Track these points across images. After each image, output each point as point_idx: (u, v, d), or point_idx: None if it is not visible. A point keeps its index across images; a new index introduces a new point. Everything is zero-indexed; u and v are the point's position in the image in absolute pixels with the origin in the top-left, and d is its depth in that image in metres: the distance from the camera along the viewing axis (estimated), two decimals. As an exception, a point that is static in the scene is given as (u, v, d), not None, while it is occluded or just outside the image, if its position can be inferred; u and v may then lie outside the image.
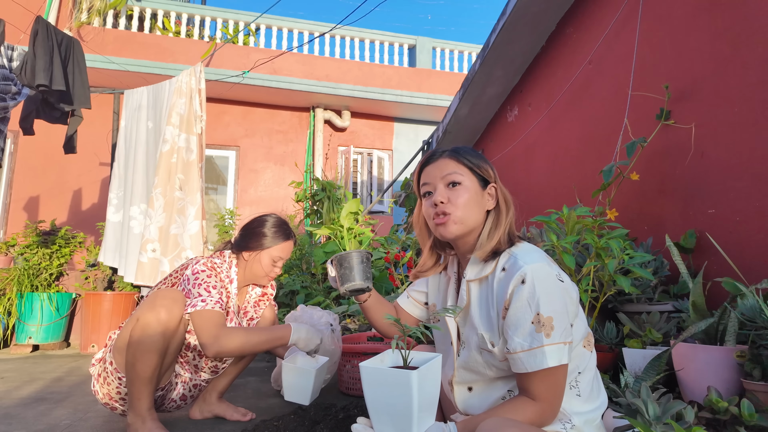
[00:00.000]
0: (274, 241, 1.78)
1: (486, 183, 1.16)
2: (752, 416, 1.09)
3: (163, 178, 3.98)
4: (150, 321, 1.52)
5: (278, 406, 2.14)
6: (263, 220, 1.83)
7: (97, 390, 1.68)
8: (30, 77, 3.16)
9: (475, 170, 1.15)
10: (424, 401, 0.97)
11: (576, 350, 1.05)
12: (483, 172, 1.15)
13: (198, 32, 7.05)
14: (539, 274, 0.98)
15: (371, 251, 4.34)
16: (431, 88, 7.23)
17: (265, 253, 1.78)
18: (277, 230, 1.80)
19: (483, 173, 1.15)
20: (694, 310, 1.55)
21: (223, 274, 1.75)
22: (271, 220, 1.83)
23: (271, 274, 1.81)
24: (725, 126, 1.93)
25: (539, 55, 3.42)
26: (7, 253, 4.58)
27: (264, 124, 6.95)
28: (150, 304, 1.56)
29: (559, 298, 0.98)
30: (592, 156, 2.76)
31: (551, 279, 0.99)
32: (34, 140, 5.51)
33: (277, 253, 1.80)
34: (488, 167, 1.17)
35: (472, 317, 1.12)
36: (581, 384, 1.05)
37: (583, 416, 1.02)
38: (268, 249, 1.78)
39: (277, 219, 1.85)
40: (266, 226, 1.81)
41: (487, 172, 1.16)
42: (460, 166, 1.14)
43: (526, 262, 1.00)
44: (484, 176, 1.15)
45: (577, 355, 1.05)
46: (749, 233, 1.78)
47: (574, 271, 1.74)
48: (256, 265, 1.79)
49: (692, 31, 2.14)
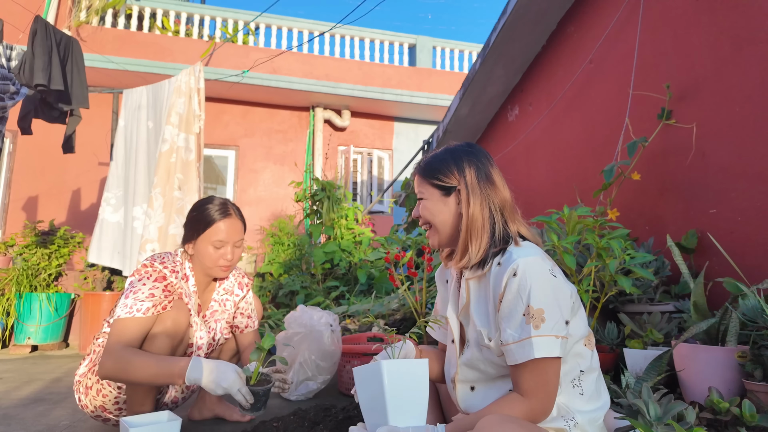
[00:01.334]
0: (207, 224, 1.57)
1: (449, 190, 1.14)
2: (753, 417, 1.09)
3: (162, 178, 3.98)
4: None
5: (278, 406, 2.14)
6: (195, 205, 1.65)
7: (87, 404, 1.59)
8: (28, 77, 3.15)
9: (433, 183, 1.15)
10: (399, 395, 1.00)
11: (576, 348, 1.05)
12: (443, 181, 1.14)
13: (197, 31, 7.04)
14: (531, 267, 0.98)
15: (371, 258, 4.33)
16: (431, 88, 7.23)
17: (201, 241, 1.58)
18: (207, 211, 1.59)
19: (443, 182, 1.14)
20: (696, 311, 1.54)
21: (173, 272, 1.59)
22: (201, 202, 1.64)
23: (220, 263, 1.60)
24: (726, 126, 1.92)
25: (540, 55, 3.41)
26: (6, 253, 4.57)
27: (263, 124, 6.94)
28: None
29: (551, 291, 0.98)
30: (593, 156, 2.75)
31: (543, 273, 0.99)
32: (33, 140, 5.50)
33: (215, 236, 1.57)
34: (450, 173, 1.13)
35: (471, 314, 1.13)
36: (584, 383, 1.05)
37: (586, 415, 1.02)
38: (204, 234, 1.57)
39: (208, 199, 1.64)
40: (197, 211, 1.61)
41: (449, 179, 1.13)
42: (422, 182, 1.18)
43: (520, 255, 1.01)
44: (444, 185, 1.14)
45: (577, 353, 1.05)
46: (751, 233, 1.77)
47: (575, 272, 1.73)
48: (200, 256, 1.61)
49: (693, 31, 2.13)
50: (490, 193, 1.12)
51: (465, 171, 1.13)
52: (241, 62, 6.33)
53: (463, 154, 1.15)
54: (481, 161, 1.15)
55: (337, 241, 4.42)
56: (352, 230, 4.59)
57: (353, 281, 4.11)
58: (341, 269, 4.20)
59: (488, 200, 1.11)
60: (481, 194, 1.11)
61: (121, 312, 1.44)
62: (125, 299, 1.47)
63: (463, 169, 1.13)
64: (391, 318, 2.98)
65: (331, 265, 4.27)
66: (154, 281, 1.52)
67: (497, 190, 1.13)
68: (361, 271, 3.93)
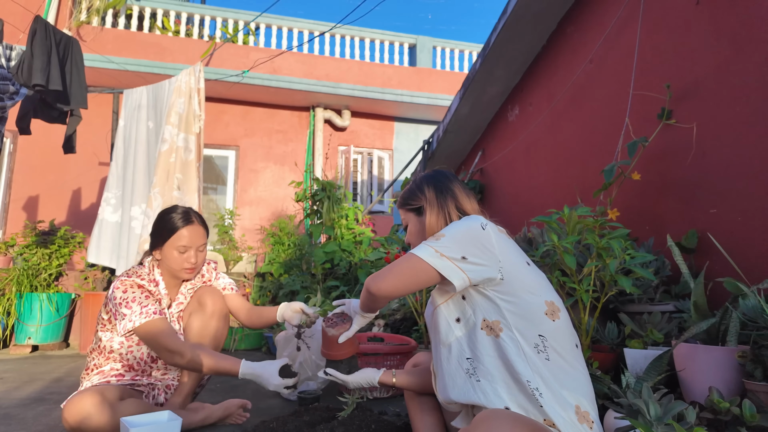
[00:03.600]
0: (171, 231, 1.75)
1: (420, 210, 1.33)
2: (754, 417, 1.09)
3: (161, 178, 3.98)
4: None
5: (278, 406, 2.14)
6: (160, 214, 1.82)
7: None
8: (27, 77, 3.15)
9: (407, 208, 1.36)
10: None
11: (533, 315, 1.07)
12: (413, 204, 1.35)
13: (197, 31, 7.04)
14: (462, 220, 1.18)
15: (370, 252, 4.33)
16: (432, 88, 7.22)
17: (167, 247, 1.76)
18: (170, 219, 1.77)
19: (413, 205, 1.35)
20: (696, 311, 1.54)
21: (146, 280, 1.78)
22: (166, 212, 1.81)
23: (185, 265, 1.78)
24: (727, 125, 1.92)
25: (540, 55, 3.41)
26: (7, 253, 4.57)
27: (264, 124, 6.94)
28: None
29: (462, 231, 1.13)
30: (594, 155, 2.75)
31: (467, 222, 1.16)
32: (33, 140, 5.51)
33: (179, 242, 1.75)
34: (416, 197, 1.34)
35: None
36: (549, 351, 1.05)
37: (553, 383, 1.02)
38: (169, 241, 1.75)
39: (172, 209, 1.81)
40: (162, 220, 1.79)
41: (417, 201, 1.33)
42: (402, 210, 1.39)
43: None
44: (415, 207, 1.34)
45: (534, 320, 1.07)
46: (751, 233, 1.77)
47: (575, 271, 1.73)
48: (167, 261, 1.78)
49: (693, 31, 2.13)
50: (451, 203, 1.30)
51: (425, 191, 1.33)
52: (241, 62, 6.33)
53: (423, 179, 1.37)
54: (440, 181, 1.34)
55: (337, 241, 4.42)
56: (352, 230, 4.59)
57: (353, 281, 4.11)
58: (341, 269, 4.20)
59: (447, 209, 1.29)
60: (438, 205, 1.29)
61: (138, 319, 1.64)
62: (126, 308, 1.65)
63: (424, 190, 1.34)
64: (391, 318, 2.98)
65: (331, 265, 4.27)
66: (139, 289, 1.72)
67: (458, 201, 1.30)
68: (362, 271, 3.93)
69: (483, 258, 1.10)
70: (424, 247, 1.12)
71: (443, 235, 1.13)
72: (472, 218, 1.17)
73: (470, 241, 1.12)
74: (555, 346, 1.06)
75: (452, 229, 1.15)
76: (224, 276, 2.03)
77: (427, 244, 1.13)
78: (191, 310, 1.89)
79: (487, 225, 1.16)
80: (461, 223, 1.17)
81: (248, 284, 4.74)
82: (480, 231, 1.13)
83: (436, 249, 1.10)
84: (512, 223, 3.65)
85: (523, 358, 1.03)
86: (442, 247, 1.11)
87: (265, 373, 1.61)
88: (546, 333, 1.06)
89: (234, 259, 5.33)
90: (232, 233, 5.75)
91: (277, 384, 1.59)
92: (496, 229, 1.17)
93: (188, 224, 1.77)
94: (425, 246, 1.12)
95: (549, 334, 1.06)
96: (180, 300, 1.90)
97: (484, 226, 1.15)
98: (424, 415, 1.32)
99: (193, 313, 1.87)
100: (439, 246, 1.11)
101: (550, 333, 1.06)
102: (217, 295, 1.91)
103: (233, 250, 5.44)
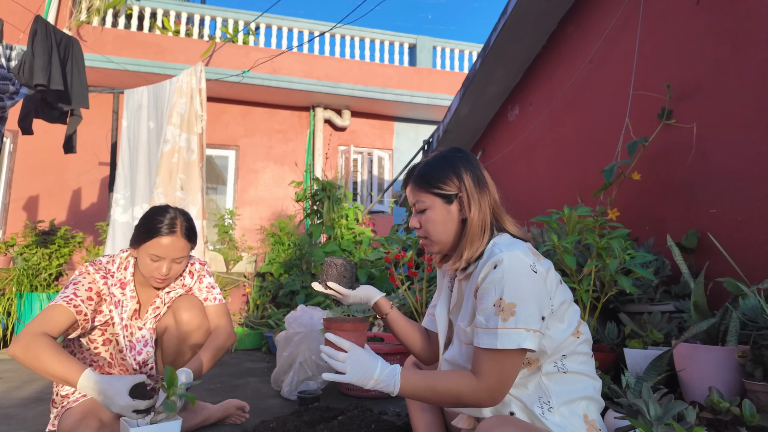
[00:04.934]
0: (150, 235, 1.54)
1: (451, 198, 1.14)
2: (754, 417, 1.09)
3: (164, 178, 3.98)
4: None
5: (278, 406, 2.14)
6: (147, 212, 1.62)
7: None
8: (28, 77, 3.15)
9: (435, 192, 1.14)
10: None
11: (561, 342, 1.05)
12: (444, 189, 1.14)
13: (198, 31, 7.04)
14: (512, 261, 0.99)
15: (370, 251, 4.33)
16: (432, 88, 7.22)
17: (142, 250, 1.56)
18: (154, 223, 1.55)
19: (445, 191, 1.14)
20: (696, 311, 1.54)
21: (110, 282, 1.59)
22: (154, 211, 1.60)
23: (155, 275, 1.57)
24: (727, 125, 1.92)
25: (540, 55, 3.41)
26: (7, 253, 4.57)
27: (264, 124, 6.94)
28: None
29: (528, 287, 0.98)
30: (594, 155, 2.75)
31: (523, 268, 0.99)
32: (34, 140, 5.50)
33: (154, 249, 1.54)
34: (450, 180, 1.13)
35: (460, 312, 1.16)
36: (567, 364, 1.06)
37: (563, 396, 1.02)
38: (146, 245, 1.55)
39: (162, 209, 1.60)
40: (147, 218, 1.59)
41: (449, 186, 1.13)
42: (422, 192, 1.16)
43: (502, 250, 1.02)
44: (446, 193, 1.14)
45: (561, 346, 1.06)
46: (751, 233, 1.77)
47: (575, 271, 1.73)
48: (139, 263, 1.59)
49: (693, 31, 2.13)
50: (485, 196, 1.14)
51: (463, 177, 1.14)
52: (241, 62, 6.33)
53: (458, 160, 1.16)
54: (474, 165, 1.17)
55: (337, 240, 4.42)
56: (352, 230, 4.59)
57: (353, 281, 4.10)
58: (341, 269, 4.20)
59: (484, 204, 1.13)
60: (479, 199, 1.12)
61: (55, 300, 1.48)
62: (64, 288, 1.52)
63: (461, 175, 1.14)
64: (392, 318, 2.97)
65: (331, 265, 4.26)
66: (89, 284, 1.54)
67: (489, 193, 1.15)
68: (362, 271, 3.93)
69: (548, 305, 1.02)
70: (514, 335, 0.95)
71: (514, 304, 0.96)
72: (518, 259, 1.00)
73: (535, 294, 0.98)
74: (573, 358, 1.07)
75: (515, 289, 0.97)
76: (210, 283, 1.79)
77: (508, 326, 0.95)
78: (166, 324, 1.68)
79: (535, 263, 1.01)
80: (516, 272, 0.98)
81: (248, 284, 4.74)
82: (535, 276, 0.99)
83: (526, 328, 0.95)
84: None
85: (539, 379, 1.04)
86: (527, 321, 0.96)
87: (111, 390, 1.25)
88: (568, 352, 1.06)
89: (234, 259, 5.33)
90: (232, 233, 5.75)
91: (123, 405, 1.23)
92: (534, 252, 1.06)
93: (170, 234, 1.55)
94: (515, 332, 0.95)
95: (570, 352, 1.07)
96: (157, 304, 1.69)
97: (534, 267, 1.00)
98: (424, 415, 1.31)
99: (168, 330, 1.67)
100: (525, 322, 0.96)
101: (571, 350, 1.07)
102: (196, 310, 1.68)
103: (233, 250, 5.44)
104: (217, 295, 1.79)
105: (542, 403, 1.01)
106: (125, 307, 1.62)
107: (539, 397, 1.02)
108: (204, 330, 1.69)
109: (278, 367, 2.38)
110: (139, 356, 1.64)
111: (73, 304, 1.47)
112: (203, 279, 1.78)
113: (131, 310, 1.63)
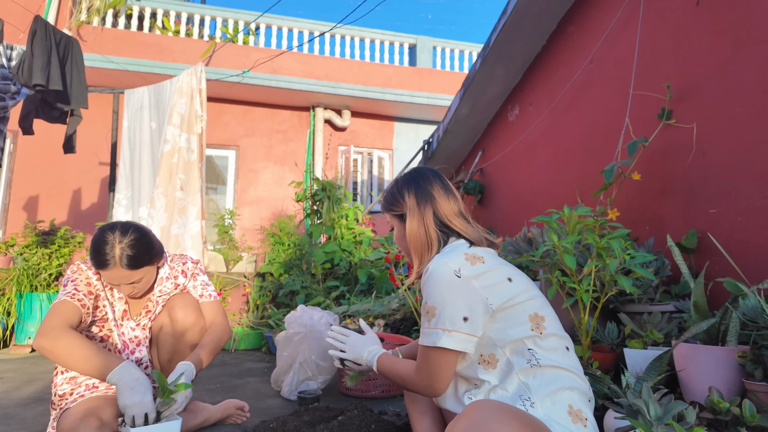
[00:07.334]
0: (94, 265, 1.52)
1: (403, 217, 1.29)
2: (754, 417, 1.09)
3: (164, 179, 3.98)
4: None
5: (278, 406, 2.14)
6: (92, 239, 1.53)
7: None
8: (27, 77, 3.15)
9: (391, 213, 1.32)
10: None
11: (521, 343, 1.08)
12: (395, 210, 1.30)
13: (198, 31, 7.04)
14: (436, 269, 1.11)
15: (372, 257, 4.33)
16: (432, 88, 7.22)
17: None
18: (92, 254, 1.50)
19: (395, 211, 1.30)
20: (696, 311, 1.54)
21: (92, 272, 1.60)
22: (94, 239, 1.52)
23: (122, 293, 1.60)
24: (727, 125, 1.92)
25: (540, 55, 3.41)
26: (7, 253, 4.57)
27: (264, 124, 6.94)
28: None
29: (448, 291, 1.08)
30: (594, 155, 2.75)
31: (446, 274, 1.09)
32: (34, 140, 5.51)
33: (103, 277, 1.55)
34: (397, 201, 1.29)
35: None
36: (540, 358, 1.07)
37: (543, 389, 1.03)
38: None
39: (97, 239, 1.50)
40: (91, 247, 1.52)
41: (398, 207, 1.29)
42: (385, 213, 1.36)
43: (433, 260, 1.14)
44: (398, 213, 1.30)
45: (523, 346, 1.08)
46: (751, 233, 1.77)
47: (575, 271, 1.73)
48: None
49: (693, 31, 2.13)
50: (428, 210, 1.24)
51: (405, 197, 1.28)
52: (241, 62, 6.33)
53: (403, 182, 1.31)
54: (419, 184, 1.28)
55: (337, 241, 4.42)
56: (352, 230, 4.59)
57: (353, 281, 4.11)
58: (341, 269, 4.20)
59: (427, 218, 1.24)
60: (419, 213, 1.25)
61: (60, 297, 1.51)
62: (63, 287, 1.55)
63: (404, 195, 1.29)
64: (392, 318, 2.98)
65: (331, 265, 4.27)
66: (84, 278, 1.58)
67: (439, 205, 1.25)
68: (362, 271, 3.93)
69: (479, 306, 1.08)
70: (430, 333, 1.08)
71: (435, 307, 1.08)
72: (441, 266, 1.10)
73: (459, 297, 1.07)
74: (545, 354, 1.07)
75: (435, 294, 1.09)
76: (204, 281, 1.79)
77: (431, 327, 1.08)
78: (162, 323, 1.68)
79: (462, 268, 1.10)
80: (437, 278, 1.09)
81: (248, 284, 4.74)
82: (458, 281, 1.08)
83: (445, 329, 1.06)
84: (512, 223, 3.65)
85: (516, 378, 1.06)
86: (447, 322, 1.07)
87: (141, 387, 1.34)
88: (533, 346, 1.08)
89: (234, 259, 5.33)
90: (232, 233, 5.75)
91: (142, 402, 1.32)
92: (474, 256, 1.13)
93: (106, 268, 1.48)
94: (431, 332, 1.08)
95: (534, 346, 1.08)
96: (150, 308, 1.69)
97: (459, 272, 1.09)
98: (423, 416, 1.32)
99: (163, 328, 1.67)
100: (444, 323, 1.07)
101: (535, 345, 1.08)
102: (191, 308, 1.67)
103: (233, 250, 5.43)
104: (211, 292, 1.79)
105: (524, 401, 1.02)
106: (115, 307, 1.66)
107: (520, 395, 1.03)
108: (200, 327, 1.69)
109: (278, 367, 2.38)
110: (132, 356, 1.65)
111: (76, 298, 1.52)
112: (197, 277, 1.78)
113: (120, 311, 1.67)
